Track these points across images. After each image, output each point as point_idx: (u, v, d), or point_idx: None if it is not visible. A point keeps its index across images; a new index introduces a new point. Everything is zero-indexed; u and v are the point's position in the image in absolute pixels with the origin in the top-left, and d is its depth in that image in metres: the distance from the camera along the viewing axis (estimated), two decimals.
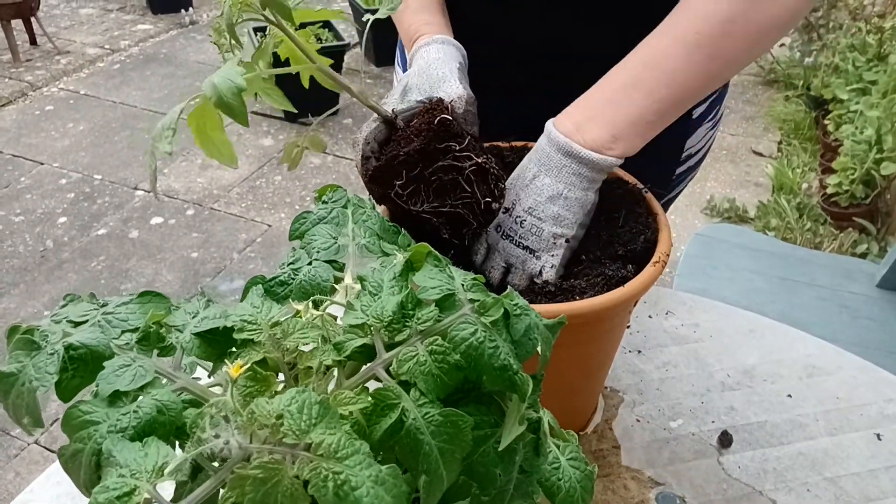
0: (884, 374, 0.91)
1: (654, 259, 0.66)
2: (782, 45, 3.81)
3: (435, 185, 0.64)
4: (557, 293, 0.64)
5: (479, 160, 0.63)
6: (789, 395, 0.87)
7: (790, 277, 1.64)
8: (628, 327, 0.90)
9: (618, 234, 0.70)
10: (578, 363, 0.73)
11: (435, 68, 0.75)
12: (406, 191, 0.64)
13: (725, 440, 0.81)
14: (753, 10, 0.65)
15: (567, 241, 0.69)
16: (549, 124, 0.70)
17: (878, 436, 0.82)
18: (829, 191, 2.60)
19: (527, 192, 0.69)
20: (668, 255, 0.67)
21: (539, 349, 0.39)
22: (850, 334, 1.48)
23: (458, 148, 0.63)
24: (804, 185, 2.87)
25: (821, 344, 0.95)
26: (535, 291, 0.65)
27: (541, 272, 0.69)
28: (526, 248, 0.69)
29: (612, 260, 0.68)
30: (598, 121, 0.67)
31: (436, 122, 0.64)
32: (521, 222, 0.69)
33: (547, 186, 0.68)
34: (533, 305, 0.59)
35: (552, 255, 0.69)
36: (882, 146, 2.42)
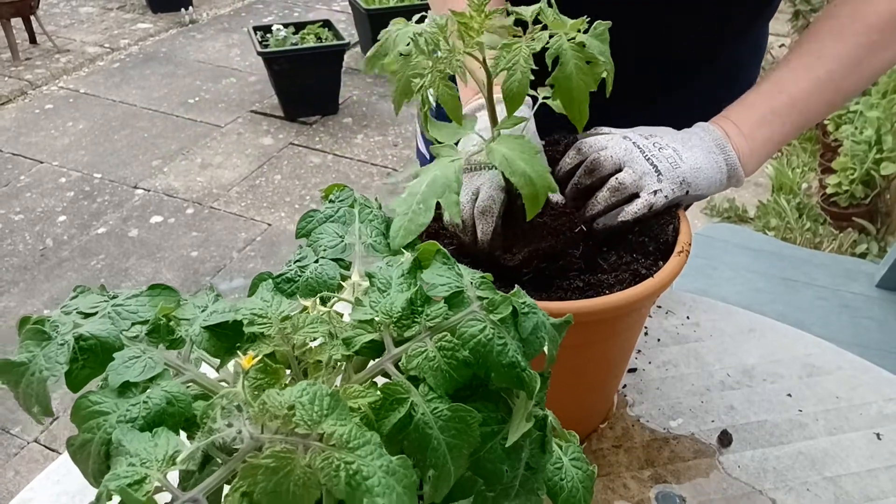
0: (883, 374, 0.91)
1: (677, 249, 0.67)
2: (782, 45, 3.82)
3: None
4: (586, 289, 0.65)
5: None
6: (789, 395, 0.87)
7: (790, 277, 1.65)
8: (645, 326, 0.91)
9: (646, 229, 0.71)
10: (606, 357, 0.74)
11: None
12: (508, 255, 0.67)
13: (725, 439, 0.81)
14: (870, 56, 0.75)
15: (687, 193, 0.71)
16: (701, 123, 0.76)
17: (878, 435, 0.82)
18: (829, 191, 2.61)
19: (674, 138, 0.72)
20: (689, 245, 0.68)
21: (546, 348, 0.39)
22: (849, 334, 1.48)
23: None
24: (804, 185, 2.87)
25: (820, 343, 0.95)
26: (564, 288, 0.65)
27: (655, 193, 0.69)
28: (654, 165, 0.69)
29: (642, 255, 0.68)
30: (753, 136, 0.75)
31: (576, 230, 0.68)
32: (660, 148, 0.70)
33: (698, 149, 0.72)
34: (563, 303, 0.61)
35: (672, 190, 0.69)
36: (882, 146, 2.42)
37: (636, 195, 0.69)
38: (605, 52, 0.57)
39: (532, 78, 0.56)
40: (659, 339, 0.95)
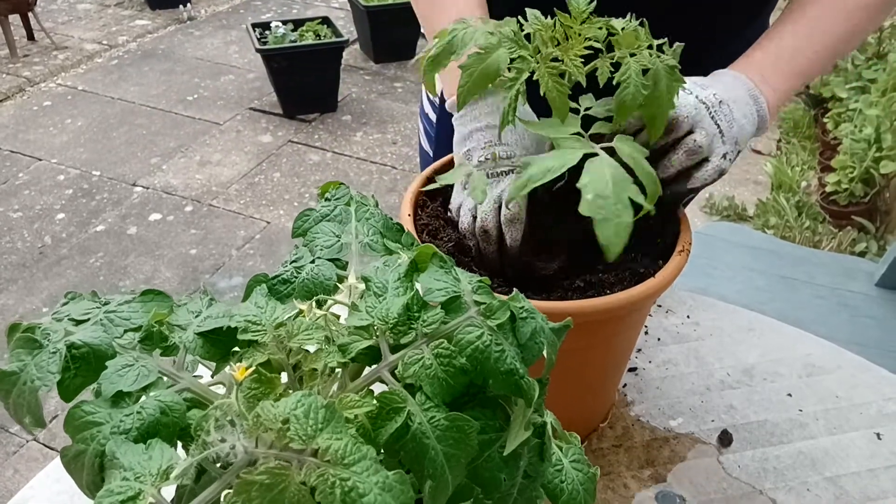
0: (883, 373, 0.91)
1: (678, 248, 0.67)
2: None
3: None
4: (587, 288, 0.64)
5: None
6: (789, 394, 0.87)
7: (789, 276, 1.65)
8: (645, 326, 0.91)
9: (645, 231, 0.71)
10: (607, 357, 0.74)
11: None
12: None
13: (725, 439, 0.81)
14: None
15: (739, 153, 0.71)
16: (729, 70, 0.76)
17: (878, 435, 0.82)
18: (829, 189, 2.60)
19: (727, 91, 0.71)
20: (690, 244, 0.68)
21: (545, 353, 0.39)
22: (849, 333, 1.48)
23: None
24: (803, 184, 2.87)
25: (820, 342, 0.95)
26: (565, 288, 0.65)
27: (724, 156, 0.68)
28: (718, 125, 0.68)
29: (640, 256, 0.68)
30: (779, 90, 0.75)
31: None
32: (719, 102, 0.69)
33: (740, 99, 0.72)
34: (564, 303, 0.61)
35: (732, 152, 0.69)
36: (881, 144, 2.42)
37: (706, 159, 0.68)
38: (681, 78, 0.61)
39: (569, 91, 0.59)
40: (659, 339, 0.95)
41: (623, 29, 0.60)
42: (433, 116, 1.07)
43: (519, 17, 0.62)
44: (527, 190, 0.56)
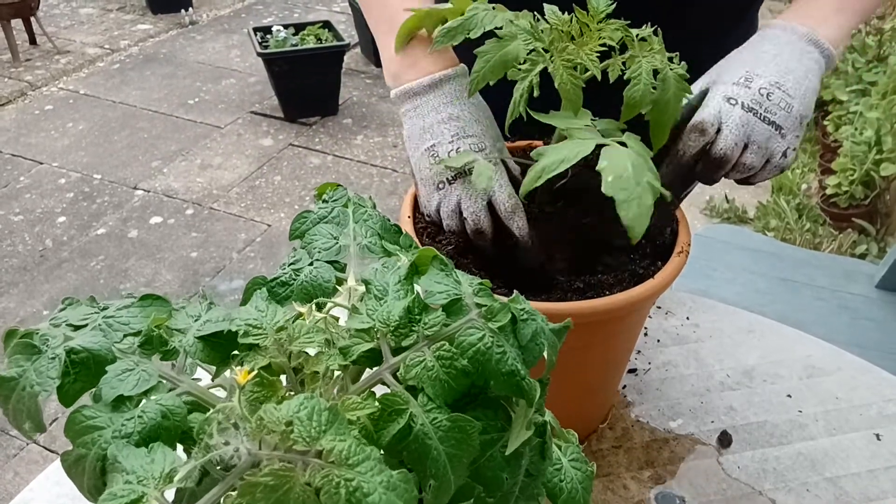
0: (883, 375, 0.91)
1: (677, 249, 0.67)
2: None
3: None
4: (587, 289, 0.65)
5: None
6: (789, 396, 0.87)
7: (790, 278, 1.65)
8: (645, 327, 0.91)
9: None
10: (607, 358, 0.74)
11: (488, 124, 0.70)
12: None
13: (725, 440, 0.81)
14: None
15: (806, 124, 0.68)
16: (777, 20, 0.73)
17: (878, 436, 0.82)
18: (829, 192, 2.60)
19: (769, 68, 0.67)
20: (689, 245, 0.68)
21: (545, 354, 0.39)
22: (849, 334, 1.48)
23: None
24: (803, 186, 2.87)
25: (820, 344, 0.95)
26: (564, 289, 0.65)
27: (785, 154, 0.66)
28: (772, 123, 0.65)
29: (639, 257, 0.68)
30: (830, 23, 0.72)
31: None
32: (767, 95, 0.66)
33: (795, 67, 0.68)
34: (564, 304, 0.61)
35: (796, 137, 0.67)
36: (881, 147, 2.42)
37: (767, 160, 0.67)
38: (689, 88, 0.61)
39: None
40: (659, 340, 0.95)
41: (637, 35, 0.61)
42: None
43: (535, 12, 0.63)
44: (542, 180, 0.56)
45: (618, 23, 0.61)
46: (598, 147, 0.57)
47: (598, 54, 0.61)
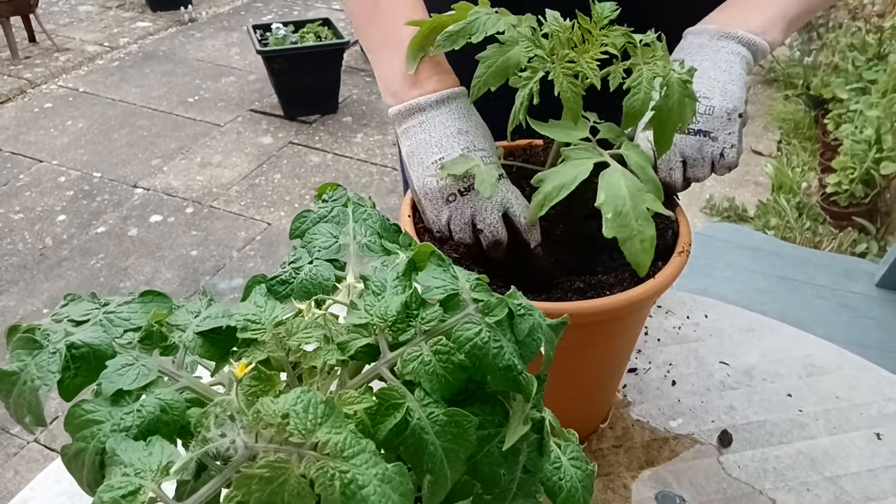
0: (883, 374, 0.91)
1: (678, 249, 0.67)
2: (782, 44, 3.81)
3: None
4: (587, 289, 0.65)
5: None
6: (789, 395, 0.87)
7: (790, 277, 1.65)
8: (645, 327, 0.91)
9: None
10: (606, 357, 0.74)
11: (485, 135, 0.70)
12: None
13: (725, 439, 0.81)
14: None
15: (741, 115, 0.67)
16: (689, 28, 0.73)
17: (878, 435, 0.82)
18: (829, 190, 2.60)
19: (702, 69, 0.68)
20: (690, 245, 0.68)
21: (543, 349, 0.39)
22: (849, 333, 1.48)
23: None
24: (804, 185, 2.87)
25: (820, 343, 0.95)
26: (564, 289, 0.65)
27: (722, 155, 0.66)
28: (698, 132, 0.66)
29: None
30: (751, 12, 0.72)
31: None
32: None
33: (707, 67, 0.68)
34: (564, 303, 0.61)
35: (730, 134, 0.67)
36: (881, 145, 2.42)
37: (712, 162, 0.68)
38: (693, 94, 0.61)
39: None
40: (659, 339, 0.95)
41: (641, 41, 0.61)
42: None
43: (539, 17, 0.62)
44: (545, 210, 0.56)
45: (620, 29, 0.61)
46: (597, 166, 0.57)
47: (600, 61, 0.61)
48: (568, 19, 0.62)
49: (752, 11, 0.73)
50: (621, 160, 0.61)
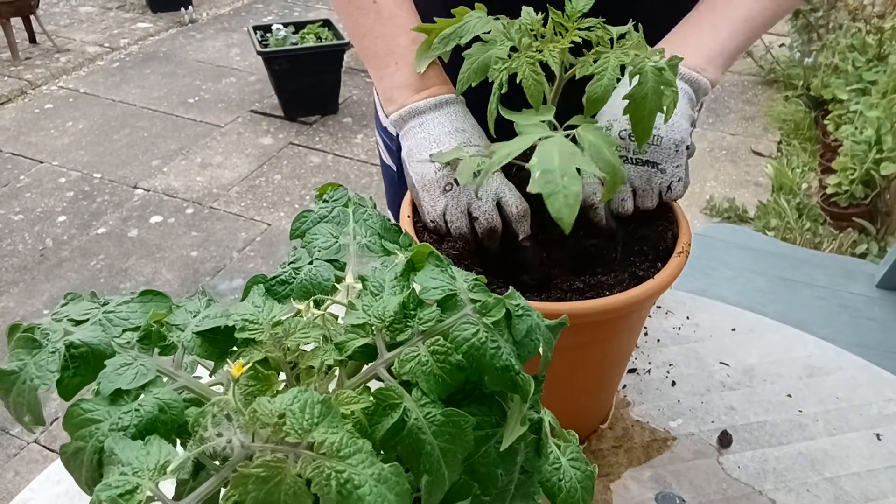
0: (884, 374, 0.91)
1: (677, 250, 0.67)
2: (782, 45, 3.81)
3: None
4: (586, 290, 0.65)
5: None
6: (789, 395, 0.87)
7: (790, 277, 1.64)
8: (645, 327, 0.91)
9: (645, 235, 0.71)
10: (606, 357, 0.74)
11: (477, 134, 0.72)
12: None
13: (725, 440, 0.81)
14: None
15: (687, 147, 0.69)
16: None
17: (878, 436, 0.82)
18: (829, 191, 2.60)
19: (623, 111, 0.69)
20: (689, 245, 0.68)
21: (541, 350, 0.39)
22: (849, 334, 1.48)
23: None
24: (804, 186, 2.87)
25: (820, 344, 0.95)
26: (564, 289, 0.65)
27: (670, 187, 0.68)
28: (646, 162, 0.68)
29: (640, 259, 0.68)
30: (690, 49, 0.72)
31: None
32: (630, 136, 0.67)
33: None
34: (563, 304, 0.61)
35: (677, 167, 0.68)
36: (882, 146, 2.42)
37: (661, 191, 0.69)
38: (675, 81, 0.61)
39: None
40: (659, 340, 0.95)
41: (617, 33, 0.61)
42: (393, 130, 1.06)
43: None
44: (494, 170, 0.58)
45: (595, 21, 0.62)
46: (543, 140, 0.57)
47: (574, 54, 0.61)
48: (539, 14, 0.64)
49: (689, 47, 0.73)
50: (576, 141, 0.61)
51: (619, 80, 0.60)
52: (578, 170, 0.53)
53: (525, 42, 0.61)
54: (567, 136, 0.57)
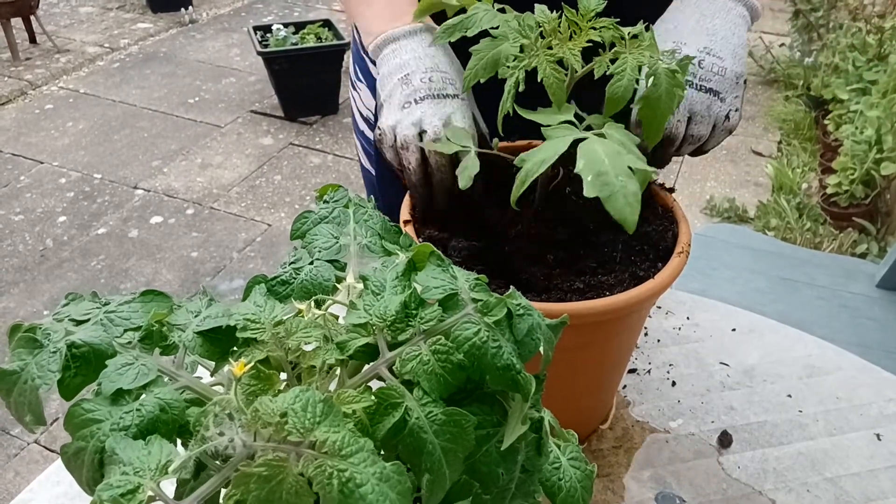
0: (884, 374, 0.91)
1: (678, 250, 0.67)
2: (782, 44, 3.81)
3: None
4: (586, 290, 0.65)
5: None
6: (789, 395, 0.87)
7: (790, 277, 1.64)
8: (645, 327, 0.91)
9: (645, 234, 0.71)
10: (606, 358, 0.74)
11: (444, 65, 0.73)
12: None
13: (725, 440, 0.81)
14: None
15: (745, 81, 0.69)
16: None
17: (878, 436, 0.82)
18: (829, 191, 2.60)
19: (696, 34, 0.69)
20: (689, 245, 0.68)
21: (542, 349, 0.39)
22: (849, 334, 1.48)
23: None
24: (804, 185, 2.87)
25: (821, 344, 0.95)
26: (564, 290, 0.65)
27: (728, 116, 0.68)
28: (710, 90, 0.68)
29: (640, 259, 0.68)
30: None
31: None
32: (699, 63, 0.68)
33: (720, 27, 0.69)
34: (563, 304, 0.61)
35: (736, 98, 0.68)
36: (882, 146, 2.42)
37: (714, 126, 0.69)
38: (682, 83, 0.62)
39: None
40: (659, 340, 0.95)
41: (629, 33, 0.61)
42: (370, 134, 1.06)
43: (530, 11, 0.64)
44: (525, 186, 0.57)
45: (608, 21, 0.62)
46: (577, 143, 0.57)
47: (589, 52, 0.61)
48: (555, 12, 0.64)
49: None
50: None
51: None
52: (631, 168, 0.53)
53: (537, 40, 0.61)
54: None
